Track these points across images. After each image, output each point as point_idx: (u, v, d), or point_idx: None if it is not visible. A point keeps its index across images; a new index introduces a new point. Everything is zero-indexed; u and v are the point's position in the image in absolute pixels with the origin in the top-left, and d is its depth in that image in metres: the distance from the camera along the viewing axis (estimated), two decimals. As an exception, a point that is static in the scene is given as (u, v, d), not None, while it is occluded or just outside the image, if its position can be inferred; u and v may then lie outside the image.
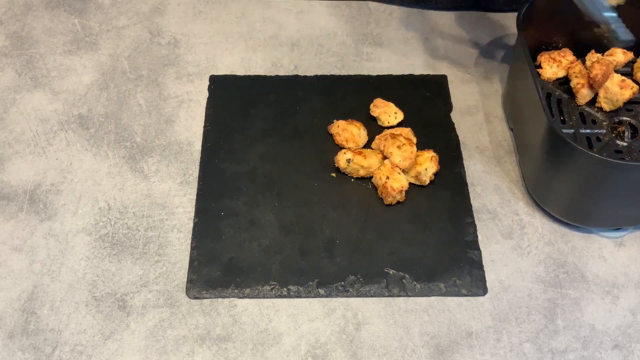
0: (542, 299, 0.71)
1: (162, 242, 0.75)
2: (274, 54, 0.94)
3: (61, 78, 0.90)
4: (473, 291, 0.71)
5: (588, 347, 0.68)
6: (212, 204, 0.77)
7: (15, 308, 0.70)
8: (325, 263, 0.73)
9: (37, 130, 0.84)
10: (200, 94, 0.88)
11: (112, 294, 0.71)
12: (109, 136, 0.84)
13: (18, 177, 0.80)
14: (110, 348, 0.67)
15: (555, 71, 0.82)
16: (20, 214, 0.77)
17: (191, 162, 0.82)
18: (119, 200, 0.78)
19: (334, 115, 0.85)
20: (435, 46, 0.95)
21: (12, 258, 0.73)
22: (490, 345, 0.68)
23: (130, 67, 0.92)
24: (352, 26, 0.98)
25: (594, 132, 0.78)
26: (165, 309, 0.70)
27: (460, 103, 0.88)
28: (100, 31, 0.96)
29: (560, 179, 0.73)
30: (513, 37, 0.95)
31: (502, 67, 0.92)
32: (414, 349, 0.67)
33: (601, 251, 0.75)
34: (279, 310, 0.70)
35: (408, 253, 0.74)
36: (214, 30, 0.97)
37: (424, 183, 0.78)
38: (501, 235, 0.76)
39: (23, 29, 0.96)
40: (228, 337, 0.68)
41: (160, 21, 0.97)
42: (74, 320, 0.69)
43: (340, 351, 0.67)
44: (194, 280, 0.71)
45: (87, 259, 0.73)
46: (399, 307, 0.70)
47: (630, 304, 0.71)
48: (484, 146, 0.84)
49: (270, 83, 0.90)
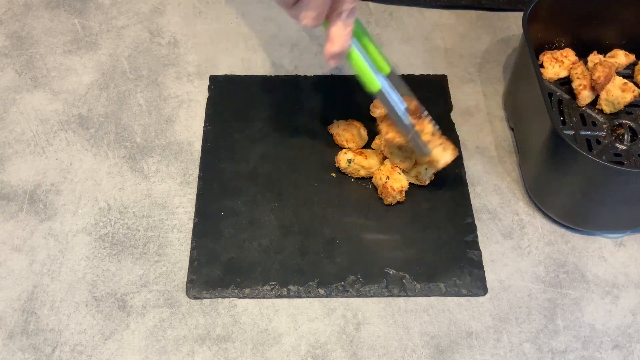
0: (542, 299, 0.71)
1: (162, 242, 0.75)
2: (274, 54, 0.94)
3: (61, 78, 0.90)
4: (473, 291, 0.71)
5: (588, 347, 0.68)
6: (212, 204, 0.77)
7: (15, 308, 0.70)
8: (325, 263, 0.73)
9: (37, 130, 0.84)
10: (200, 94, 0.88)
11: (112, 294, 0.71)
12: (109, 136, 0.84)
13: (18, 177, 0.80)
14: (110, 348, 0.67)
15: (557, 71, 0.82)
16: (20, 214, 0.77)
17: (191, 162, 0.82)
18: (119, 200, 0.78)
19: (334, 115, 0.85)
20: (435, 46, 0.95)
21: (12, 258, 0.73)
22: (490, 345, 0.68)
23: (130, 67, 0.92)
24: (352, 26, 0.98)
25: (594, 135, 0.78)
26: (165, 309, 0.70)
27: (460, 103, 0.88)
28: (100, 31, 0.96)
29: (560, 181, 0.73)
30: (513, 37, 0.95)
31: (502, 67, 0.92)
32: (414, 349, 0.67)
33: (601, 251, 0.75)
34: (279, 310, 0.70)
35: (408, 253, 0.74)
36: (214, 30, 0.96)
37: (424, 183, 0.78)
38: (501, 235, 0.76)
39: (23, 29, 0.96)
40: (228, 337, 0.68)
41: (160, 21, 0.97)
42: (74, 320, 0.69)
43: (340, 351, 0.67)
44: (194, 280, 0.71)
45: (87, 259, 0.73)
46: (399, 307, 0.70)
47: (631, 304, 0.71)
48: (484, 146, 0.84)
49: (270, 83, 0.89)
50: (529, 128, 0.78)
